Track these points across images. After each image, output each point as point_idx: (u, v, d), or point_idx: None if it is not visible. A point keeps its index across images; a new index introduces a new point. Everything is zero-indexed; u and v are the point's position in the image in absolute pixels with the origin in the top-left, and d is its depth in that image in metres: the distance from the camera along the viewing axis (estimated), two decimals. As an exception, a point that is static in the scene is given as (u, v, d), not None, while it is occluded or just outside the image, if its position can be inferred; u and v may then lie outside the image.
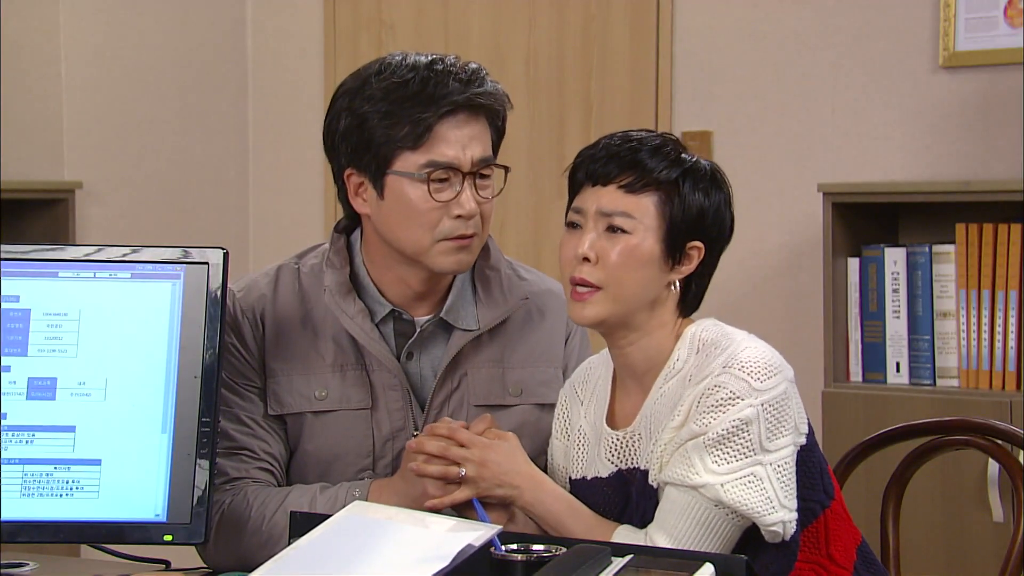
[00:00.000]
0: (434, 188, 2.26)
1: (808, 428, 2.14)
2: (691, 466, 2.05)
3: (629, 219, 2.12)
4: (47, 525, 2.12)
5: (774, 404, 2.06)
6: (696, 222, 2.13)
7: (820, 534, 2.16)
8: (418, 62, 2.28)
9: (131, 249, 2.18)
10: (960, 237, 3.61)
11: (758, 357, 2.08)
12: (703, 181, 2.14)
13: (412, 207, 2.26)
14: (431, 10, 4.64)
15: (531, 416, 2.39)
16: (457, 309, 2.37)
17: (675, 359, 2.14)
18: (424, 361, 2.37)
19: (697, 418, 2.06)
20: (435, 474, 2.16)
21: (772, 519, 2.04)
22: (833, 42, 4.04)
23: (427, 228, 2.27)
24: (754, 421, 2.05)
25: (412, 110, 2.25)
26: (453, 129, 2.26)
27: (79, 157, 4.37)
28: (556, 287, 2.48)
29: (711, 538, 2.06)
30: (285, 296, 2.37)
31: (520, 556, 1.83)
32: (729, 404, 2.05)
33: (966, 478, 3.51)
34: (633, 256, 2.11)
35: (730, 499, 2.04)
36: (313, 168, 4.72)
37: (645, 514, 2.12)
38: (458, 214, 2.26)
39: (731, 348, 2.09)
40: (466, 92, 2.26)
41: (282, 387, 2.34)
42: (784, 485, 2.06)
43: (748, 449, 2.04)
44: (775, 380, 2.07)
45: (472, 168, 2.27)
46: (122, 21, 4.48)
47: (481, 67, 2.32)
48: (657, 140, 2.16)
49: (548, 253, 4.41)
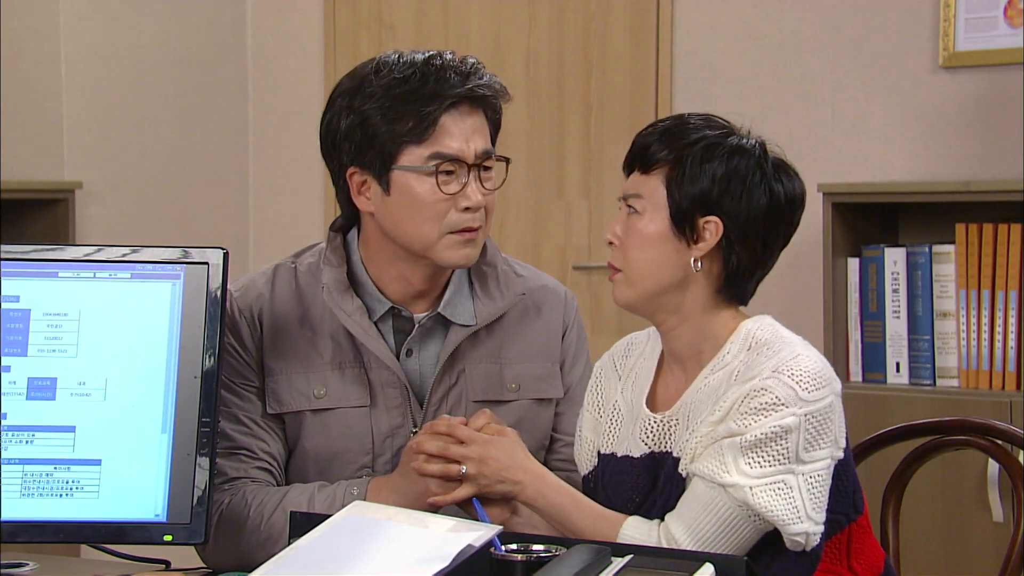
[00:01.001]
0: (441, 181, 2.27)
1: (846, 442, 2.12)
2: (723, 463, 2.04)
3: (639, 199, 2.12)
4: (47, 525, 2.11)
5: (817, 416, 2.04)
6: (703, 196, 2.09)
7: (843, 545, 2.14)
8: (415, 59, 2.30)
9: (131, 249, 2.18)
10: (960, 237, 3.61)
11: (809, 367, 2.05)
12: (719, 155, 2.09)
13: (419, 201, 2.27)
14: (431, 10, 4.65)
15: (530, 411, 2.39)
16: (455, 304, 2.37)
17: (726, 352, 2.12)
18: (422, 358, 2.37)
19: (738, 418, 2.04)
20: (436, 473, 2.16)
21: (796, 529, 2.02)
22: (833, 42, 4.04)
23: (435, 221, 2.28)
24: (794, 430, 2.02)
25: (415, 105, 2.26)
26: (456, 122, 2.28)
27: (79, 157, 4.37)
28: (552, 283, 2.48)
29: (731, 537, 2.04)
30: (282, 295, 2.37)
31: (520, 556, 1.83)
32: (772, 409, 2.03)
33: (966, 478, 3.51)
34: (642, 236, 2.11)
35: (757, 503, 2.02)
36: (313, 168, 4.71)
37: (669, 500, 2.10)
38: (465, 206, 2.28)
39: (784, 353, 2.06)
40: (467, 84, 2.28)
41: (281, 386, 2.34)
42: (814, 497, 2.04)
43: (783, 457, 2.03)
44: (822, 392, 2.05)
45: (476, 160, 2.29)
46: (122, 21, 4.48)
47: (478, 60, 2.33)
48: (696, 120, 2.13)
49: (548, 251, 4.41)
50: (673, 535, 2.05)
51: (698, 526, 2.05)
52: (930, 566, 3.53)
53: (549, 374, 2.42)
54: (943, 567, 3.53)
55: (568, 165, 4.38)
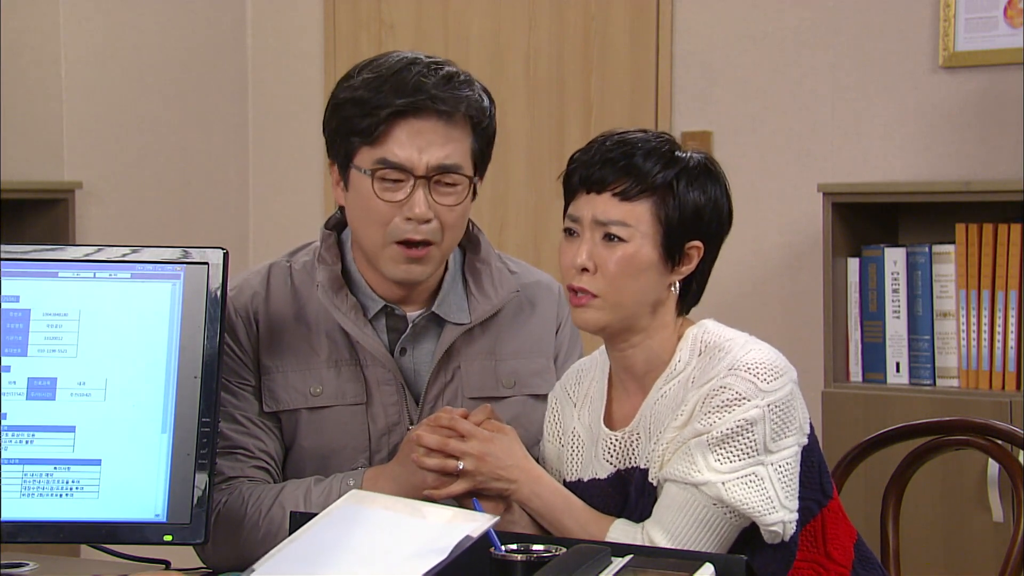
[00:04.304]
0: (384, 187, 2.25)
1: (810, 428, 2.14)
2: (693, 463, 2.06)
3: (625, 227, 2.11)
4: (47, 525, 2.11)
5: (780, 405, 2.07)
6: (693, 222, 2.12)
7: (818, 533, 2.16)
8: (402, 59, 2.28)
9: (131, 249, 2.18)
10: (960, 237, 3.61)
11: (763, 359, 2.08)
12: (698, 179, 2.13)
13: (366, 203, 2.27)
14: (431, 10, 4.64)
15: (525, 407, 2.40)
16: (448, 303, 2.37)
17: (676, 360, 2.14)
18: (417, 355, 2.37)
19: (702, 417, 2.06)
20: (434, 467, 2.17)
21: (772, 519, 2.04)
22: (833, 42, 4.04)
23: (379, 226, 2.27)
24: (759, 422, 2.05)
25: (369, 107, 2.24)
26: (409, 129, 2.24)
27: (79, 157, 4.37)
28: (545, 279, 2.49)
29: (709, 536, 2.06)
30: (278, 294, 2.37)
31: (520, 556, 1.83)
32: (735, 404, 2.05)
33: (966, 478, 3.51)
34: (631, 264, 2.11)
35: (731, 498, 2.04)
36: (313, 168, 4.72)
37: (644, 512, 2.12)
38: (407, 217, 2.25)
39: (735, 351, 2.09)
40: (423, 95, 2.23)
41: (277, 384, 2.34)
42: (785, 486, 2.06)
43: (751, 449, 2.05)
44: (781, 381, 2.08)
45: (427, 172, 2.25)
46: (122, 21, 4.48)
47: (460, 73, 2.28)
48: (651, 141, 2.14)
49: (548, 253, 4.41)
50: (653, 540, 2.07)
51: (675, 529, 2.06)
52: (930, 566, 3.53)
53: (544, 369, 2.43)
54: (943, 567, 3.53)
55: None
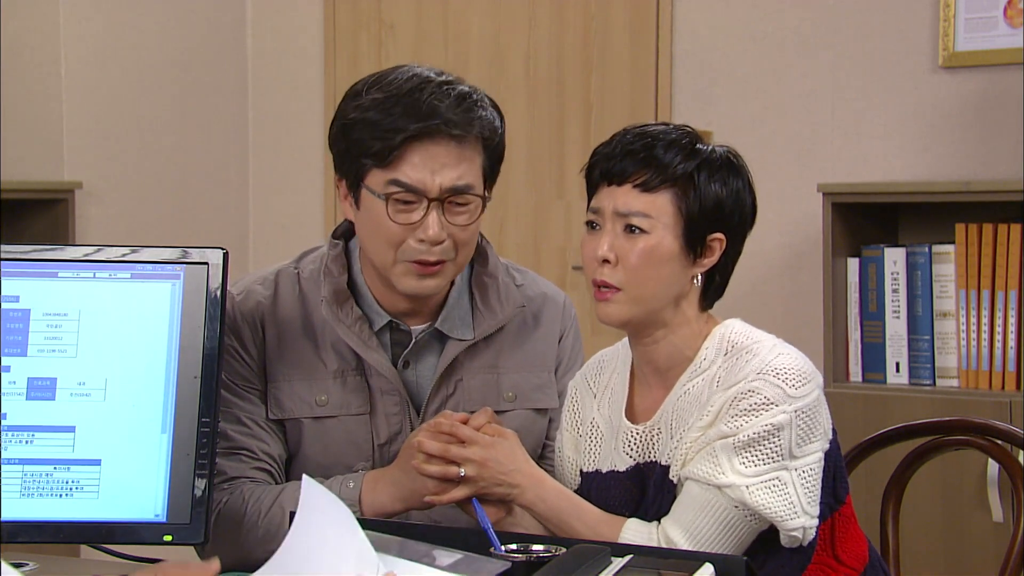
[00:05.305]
0: (397, 209, 2.23)
1: (832, 432, 2.14)
2: (718, 465, 2.05)
3: (646, 219, 2.10)
4: (47, 525, 2.11)
5: (806, 411, 2.06)
6: (714, 214, 2.12)
7: (827, 535, 2.15)
8: (412, 77, 2.25)
9: (131, 249, 2.17)
10: (960, 237, 3.61)
11: (792, 364, 2.07)
12: (719, 171, 2.12)
13: (378, 223, 2.25)
14: (431, 10, 4.64)
15: (526, 421, 2.39)
16: (453, 319, 2.36)
17: (702, 358, 2.13)
18: (420, 369, 2.37)
19: (728, 420, 2.06)
20: (435, 474, 2.16)
21: (793, 524, 2.04)
22: (833, 42, 4.04)
23: (391, 246, 2.25)
24: (786, 427, 2.04)
25: (384, 128, 2.22)
26: (423, 152, 2.22)
27: (79, 157, 4.37)
28: (552, 290, 2.48)
29: (728, 537, 2.06)
30: (285, 301, 2.37)
31: (520, 556, 1.83)
32: (763, 409, 2.05)
33: (966, 478, 3.51)
34: (652, 256, 2.10)
35: (754, 502, 2.03)
36: (313, 168, 4.72)
37: (661, 508, 2.11)
38: (421, 238, 2.24)
39: (763, 354, 2.08)
40: (437, 119, 2.21)
41: (283, 392, 2.34)
42: (808, 491, 2.06)
43: (777, 454, 2.04)
44: (808, 387, 2.07)
45: (440, 195, 2.23)
46: (122, 21, 4.48)
47: (474, 92, 2.26)
48: (672, 134, 2.14)
49: (548, 253, 4.41)
50: (671, 538, 2.06)
51: (696, 528, 2.06)
52: (930, 566, 3.53)
53: (546, 384, 2.42)
54: (943, 567, 3.53)
55: (568, 165, 4.38)
